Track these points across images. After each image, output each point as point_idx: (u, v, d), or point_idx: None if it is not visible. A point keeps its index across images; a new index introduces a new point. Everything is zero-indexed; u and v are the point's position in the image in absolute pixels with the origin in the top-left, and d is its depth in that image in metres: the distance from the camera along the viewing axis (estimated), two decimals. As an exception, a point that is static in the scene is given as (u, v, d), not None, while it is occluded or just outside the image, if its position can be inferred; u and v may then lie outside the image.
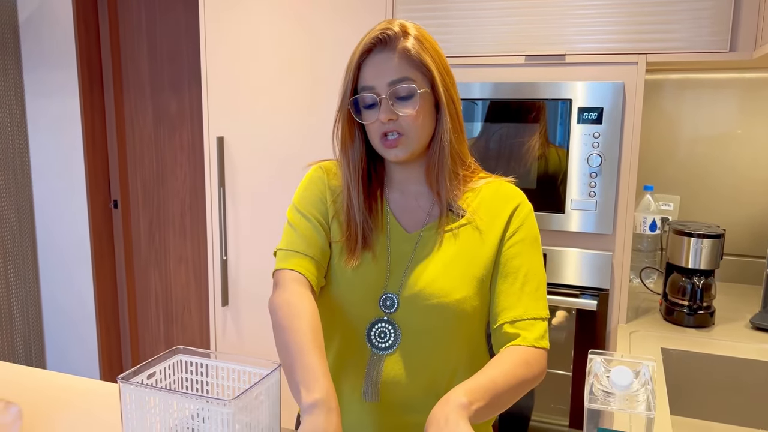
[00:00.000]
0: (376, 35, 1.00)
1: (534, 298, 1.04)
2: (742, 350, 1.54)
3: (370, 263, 1.05)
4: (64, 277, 3.13)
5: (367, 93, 1.01)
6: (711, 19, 1.56)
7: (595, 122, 1.66)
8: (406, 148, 1.02)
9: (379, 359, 1.04)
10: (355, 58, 1.02)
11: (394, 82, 0.99)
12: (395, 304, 1.03)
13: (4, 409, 1.07)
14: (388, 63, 0.99)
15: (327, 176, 1.12)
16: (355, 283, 1.05)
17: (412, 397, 1.04)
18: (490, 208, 1.07)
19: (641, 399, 0.79)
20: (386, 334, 1.03)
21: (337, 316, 1.07)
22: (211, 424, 0.76)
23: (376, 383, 1.03)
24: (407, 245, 1.06)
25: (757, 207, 2.06)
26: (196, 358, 0.92)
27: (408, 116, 1.00)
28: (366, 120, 1.03)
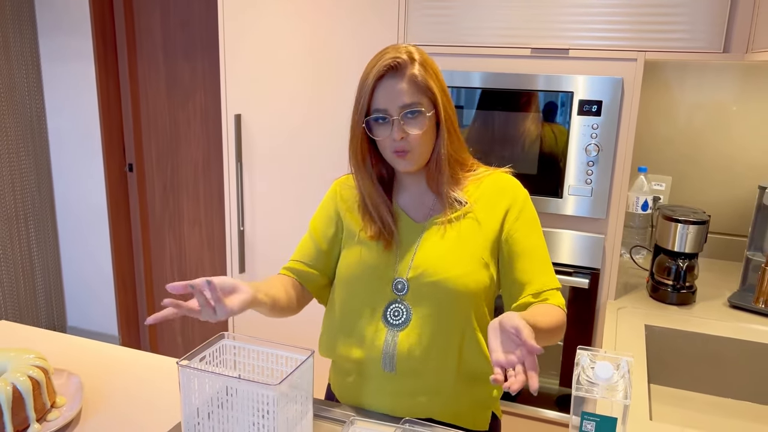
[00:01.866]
0: (388, 63, 1.14)
1: (547, 271, 1.21)
2: (719, 328, 1.70)
3: (382, 250, 1.22)
4: (82, 238, 3.27)
5: (380, 114, 1.16)
6: (707, 22, 1.65)
7: (595, 114, 1.77)
8: (413, 162, 1.19)
9: (394, 335, 1.20)
10: (369, 82, 1.16)
11: (404, 106, 1.15)
12: (405, 287, 1.20)
13: (66, 380, 1.23)
14: (399, 88, 1.14)
15: (341, 189, 1.33)
16: (370, 270, 1.22)
17: (424, 366, 1.20)
18: (490, 198, 1.23)
19: (620, 389, 0.94)
20: (399, 312, 1.20)
21: (358, 299, 1.23)
22: (261, 404, 0.91)
23: (392, 356, 1.20)
24: (414, 234, 1.23)
25: (742, 189, 2.19)
26: (239, 343, 1.07)
27: (416, 135, 1.16)
28: (378, 136, 1.18)
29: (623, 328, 1.68)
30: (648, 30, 1.70)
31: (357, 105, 1.19)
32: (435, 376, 1.21)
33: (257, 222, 2.28)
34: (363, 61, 2.00)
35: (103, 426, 1.12)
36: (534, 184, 1.87)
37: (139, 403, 1.19)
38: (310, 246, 1.32)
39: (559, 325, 1.15)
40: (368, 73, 1.17)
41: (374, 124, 1.18)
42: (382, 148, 1.21)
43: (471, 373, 1.22)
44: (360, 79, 1.19)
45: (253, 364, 1.08)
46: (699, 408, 1.63)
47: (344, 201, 1.31)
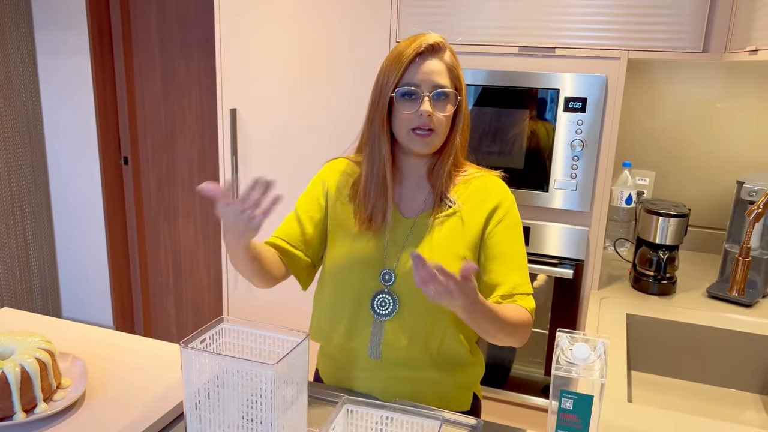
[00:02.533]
0: (429, 42, 1.18)
1: (521, 275, 1.25)
2: (697, 317, 1.77)
3: (372, 242, 1.26)
4: (78, 230, 3.31)
5: (411, 88, 1.18)
6: (688, 22, 1.72)
7: (580, 111, 1.84)
8: (432, 143, 1.21)
9: (380, 324, 1.25)
10: (407, 56, 1.17)
11: (438, 86, 1.18)
12: (392, 278, 1.25)
13: (71, 363, 1.28)
14: (437, 68, 1.18)
15: (332, 173, 1.34)
16: (357, 260, 1.26)
17: (409, 355, 1.26)
18: (477, 200, 1.27)
19: (596, 368, 1.00)
20: (386, 303, 1.25)
21: (346, 290, 1.28)
22: (259, 383, 0.97)
23: (378, 344, 1.26)
24: (403, 229, 1.26)
25: (721, 184, 2.26)
26: (237, 326, 1.12)
27: (441, 117, 1.19)
28: (404, 110, 1.19)
29: (606, 317, 1.75)
30: (631, 30, 1.77)
31: (386, 77, 1.20)
32: (419, 363, 1.27)
33: (252, 214, 2.34)
34: (357, 58, 2.07)
35: (107, 406, 1.17)
36: (521, 179, 1.94)
37: (141, 386, 1.25)
38: (294, 226, 1.33)
39: (519, 321, 1.17)
40: (405, 49, 1.19)
41: (401, 99, 1.19)
42: (399, 125, 1.21)
43: (453, 359, 1.29)
44: (389, 57, 1.21)
45: (251, 346, 1.13)
46: (677, 393, 1.71)
47: (336, 188, 1.32)
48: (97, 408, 1.17)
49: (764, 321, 1.74)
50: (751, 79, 2.15)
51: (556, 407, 1.03)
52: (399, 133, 1.23)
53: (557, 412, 1.01)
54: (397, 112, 1.20)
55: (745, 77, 2.16)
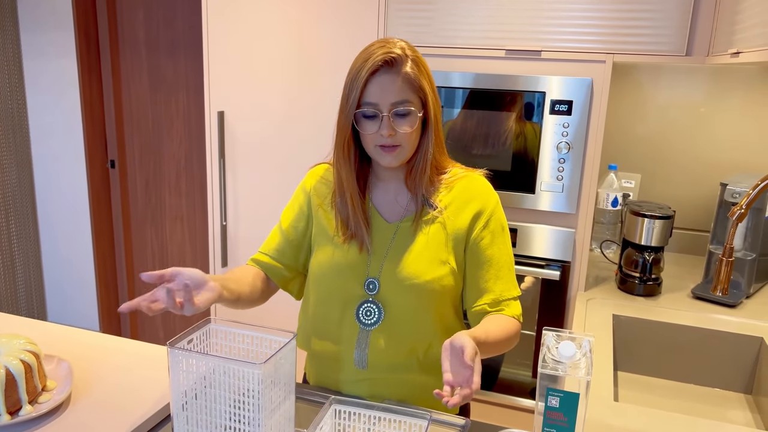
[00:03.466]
0: (382, 58, 1.13)
1: (508, 280, 1.25)
2: (682, 317, 1.79)
3: (355, 251, 1.24)
4: (64, 233, 3.29)
5: (370, 108, 1.15)
6: (671, 27, 1.74)
7: (566, 114, 1.85)
8: (400, 157, 1.20)
9: (366, 333, 1.24)
10: (362, 75, 1.14)
11: (396, 103, 1.15)
12: (377, 287, 1.23)
13: (56, 365, 1.27)
14: (392, 85, 1.14)
15: (315, 183, 1.34)
16: (342, 270, 1.24)
17: (395, 362, 1.25)
18: (460, 203, 1.25)
19: (582, 366, 1.01)
20: (371, 312, 1.23)
21: (331, 299, 1.27)
22: (246, 383, 0.97)
23: (364, 353, 1.25)
24: (386, 234, 1.25)
25: (706, 186, 2.29)
26: (224, 327, 1.12)
27: (405, 133, 1.16)
28: (366, 131, 1.18)
29: (592, 317, 1.76)
30: (616, 33, 1.79)
31: (347, 97, 1.17)
32: (406, 370, 1.26)
33: (240, 217, 2.33)
34: (344, 60, 2.07)
35: (93, 408, 1.17)
36: (508, 181, 1.95)
37: (127, 387, 1.24)
38: (278, 239, 1.33)
39: (511, 335, 1.21)
40: (362, 65, 1.15)
41: (362, 119, 1.17)
42: (365, 142, 1.20)
43: (437, 364, 1.28)
44: (350, 70, 1.17)
45: (239, 347, 1.13)
46: (663, 393, 1.72)
47: (318, 196, 1.31)
48: (82, 410, 1.16)
49: (748, 321, 1.76)
50: (734, 83, 2.18)
51: (542, 407, 1.03)
52: (367, 149, 1.22)
53: (544, 410, 1.02)
54: (360, 129, 1.19)
55: (728, 81, 2.19)
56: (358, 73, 1.16)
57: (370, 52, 1.16)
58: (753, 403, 1.69)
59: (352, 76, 1.17)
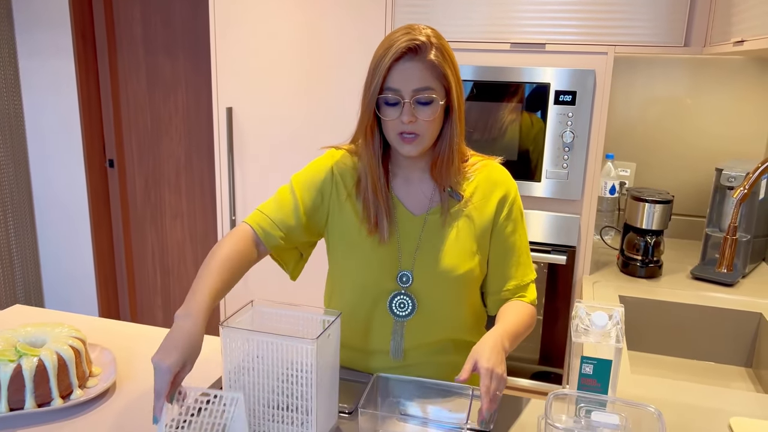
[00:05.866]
0: (407, 45, 1.12)
1: (527, 264, 1.32)
2: (684, 297, 1.87)
3: (384, 244, 1.24)
4: (63, 233, 3.28)
5: (392, 94, 1.14)
6: (669, 19, 1.83)
7: (569, 104, 1.93)
8: (419, 147, 1.19)
9: (401, 326, 1.27)
10: (386, 62, 1.12)
11: (418, 90, 1.14)
12: (410, 280, 1.25)
13: (100, 353, 1.30)
14: (415, 71, 1.13)
15: (341, 171, 1.29)
16: (372, 263, 1.25)
17: (429, 351, 1.30)
18: (483, 194, 1.27)
19: (612, 335, 1.08)
20: (405, 304, 1.26)
21: (362, 291, 1.28)
22: (299, 358, 1.02)
23: (400, 344, 1.28)
24: (415, 227, 1.25)
25: (700, 173, 2.38)
26: (269, 308, 1.17)
27: (425, 121, 1.15)
28: (387, 117, 1.17)
29: (600, 299, 1.84)
30: (617, 26, 1.87)
31: (370, 83, 1.16)
32: (438, 354, 1.31)
33: (249, 211, 2.37)
34: (352, 54, 2.12)
35: (139, 391, 1.20)
36: (514, 169, 2.01)
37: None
38: (290, 214, 1.26)
39: (530, 323, 1.29)
40: (385, 51, 1.13)
41: (384, 105, 1.16)
42: (386, 130, 1.19)
43: (468, 346, 1.32)
44: (374, 56, 1.16)
45: (279, 327, 1.18)
46: (668, 369, 1.80)
47: (346, 187, 1.28)
48: (129, 393, 1.20)
49: (746, 299, 1.85)
50: (724, 74, 2.28)
51: (577, 366, 1.09)
52: (388, 137, 1.21)
53: (578, 377, 1.08)
54: (382, 115, 1.18)
55: (718, 72, 2.28)
56: (381, 58, 1.14)
57: (394, 38, 1.14)
58: (753, 376, 1.78)
59: (375, 62, 1.16)
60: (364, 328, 1.30)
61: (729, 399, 1.30)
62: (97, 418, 1.12)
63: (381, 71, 1.14)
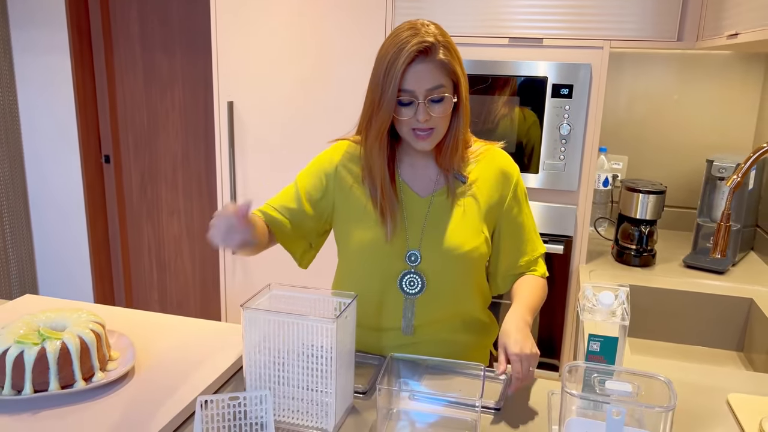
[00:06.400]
0: (417, 48, 1.17)
1: (535, 239, 1.41)
2: (676, 284, 1.93)
3: (391, 226, 1.29)
4: (59, 229, 3.29)
5: (406, 96, 1.20)
6: (663, 14, 1.88)
7: (566, 97, 1.98)
8: (433, 141, 1.26)
9: (411, 303, 1.33)
10: (399, 66, 1.17)
11: (431, 90, 1.20)
12: (418, 259, 1.31)
13: (118, 339, 1.33)
14: (427, 72, 1.19)
15: (345, 161, 1.35)
16: (382, 244, 1.30)
17: (439, 326, 1.36)
18: (488, 176, 1.34)
19: (618, 313, 1.13)
20: (414, 282, 1.31)
21: (372, 271, 1.34)
22: (319, 338, 1.06)
23: (410, 321, 1.34)
24: (421, 208, 1.32)
25: (687, 166, 2.45)
26: (286, 291, 1.21)
27: (438, 118, 1.22)
28: (402, 116, 1.22)
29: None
30: (612, 21, 1.92)
31: (383, 86, 1.20)
32: (449, 331, 1.37)
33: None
34: (352, 49, 2.16)
35: (158, 374, 1.23)
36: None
37: (187, 357, 1.30)
38: (291, 198, 1.35)
39: (543, 295, 1.38)
40: (396, 55, 1.18)
41: (398, 105, 1.21)
42: (399, 126, 1.25)
43: (475, 324, 1.41)
44: (382, 57, 1.21)
45: (296, 310, 1.21)
46: (663, 354, 1.86)
47: (351, 175, 1.34)
48: (149, 376, 1.23)
49: (736, 285, 1.92)
50: (712, 69, 2.35)
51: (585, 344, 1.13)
52: (401, 132, 1.27)
53: (585, 355, 1.13)
54: (396, 114, 1.23)
55: (706, 68, 2.35)
56: (394, 62, 1.18)
57: (402, 40, 1.18)
58: (745, 359, 1.84)
59: (387, 65, 1.19)
60: (375, 307, 1.35)
61: (725, 377, 1.35)
62: (119, 399, 1.15)
63: (396, 75, 1.18)
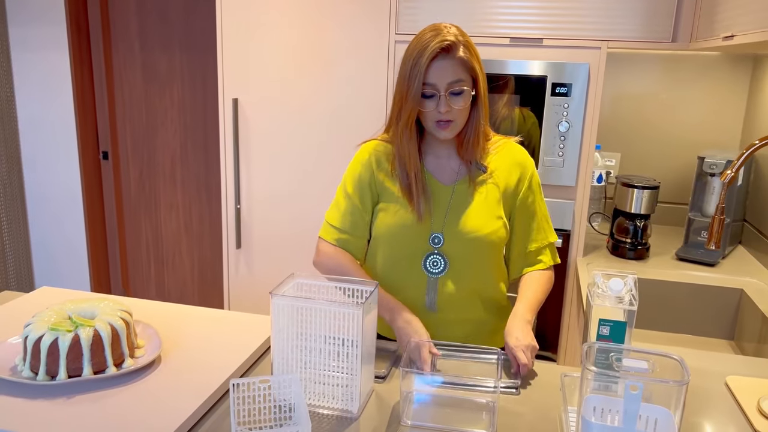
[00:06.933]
0: (439, 45, 1.30)
1: (547, 228, 1.50)
2: (670, 275, 2.01)
3: (419, 211, 1.41)
4: (56, 224, 3.30)
5: (429, 89, 1.32)
6: (658, 16, 1.96)
7: (565, 95, 2.05)
8: (454, 131, 1.38)
9: (435, 281, 1.43)
10: (423, 62, 1.30)
11: (452, 83, 1.32)
12: (441, 241, 1.42)
13: (143, 329, 1.37)
14: (448, 68, 1.31)
15: (375, 159, 1.47)
16: (410, 228, 1.42)
17: (460, 304, 1.45)
18: (507, 167, 1.45)
19: (626, 299, 1.20)
20: (438, 263, 1.42)
21: (399, 252, 1.44)
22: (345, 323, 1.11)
23: (434, 298, 1.44)
24: (444, 195, 1.43)
25: (682, 161, 2.54)
26: (309, 280, 1.26)
27: (459, 109, 1.34)
28: (426, 108, 1.35)
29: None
30: (610, 23, 2.00)
31: (410, 81, 1.32)
32: (468, 310, 1.47)
33: (253, 200, 2.44)
34: (355, 45, 2.21)
35: (185, 361, 1.27)
36: (513, 158, 2.13)
37: (212, 346, 1.34)
38: (354, 217, 1.48)
39: (550, 286, 1.50)
40: (420, 53, 1.31)
41: (421, 98, 1.34)
42: (424, 119, 1.37)
43: (493, 304, 1.50)
44: (407, 57, 1.33)
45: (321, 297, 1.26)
46: (658, 342, 1.94)
47: (381, 167, 1.47)
48: (175, 363, 1.27)
49: (727, 277, 2.00)
50: (702, 69, 2.43)
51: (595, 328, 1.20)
52: (425, 125, 1.39)
53: (596, 338, 1.20)
54: (421, 107, 1.36)
55: (696, 68, 2.44)
56: (418, 59, 1.31)
57: (426, 41, 1.32)
58: (736, 347, 1.93)
59: (412, 63, 1.32)
60: (401, 285, 1.45)
61: (722, 362, 1.43)
62: (150, 384, 1.19)
63: (420, 70, 1.31)
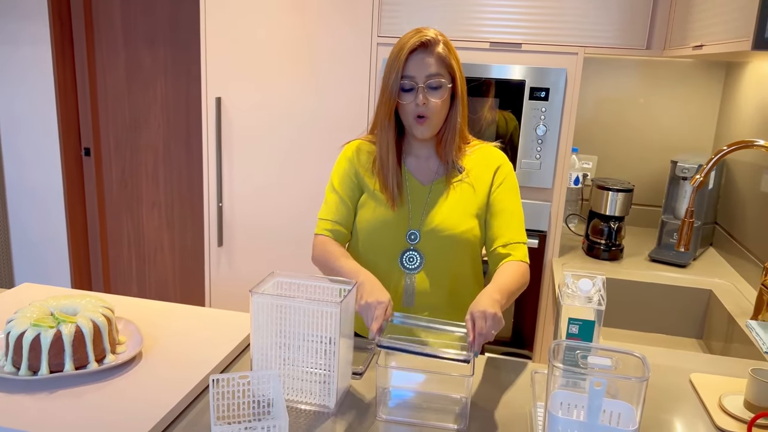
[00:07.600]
0: (419, 40, 1.36)
1: (517, 227, 1.48)
2: (642, 276, 2.07)
3: (396, 208, 1.47)
4: (37, 219, 3.29)
5: (408, 81, 1.38)
6: (633, 24, 2.01)
7: (543, 100, 2.10)
8: (431, 128, 1.42)
9: (411, 277, 1.48)
10: (403, 54, 1.36)
11: (430, 76, 1.37)
12: (417, 237, 1.46)
13: (125, 326, 1.39)
14: (427, 61, 1.37)
15: (357, 154, 1.53)
16: (387, 225, 1.47)
17: (435, 300, 1.49)
18: (481, 168, 1.49)
19: (594, 299, 1.24)
20: (413, 258, 1.47)
21: (377, 247, 1.49)
22: (324, 320, 1.14)
23: (411, 293, 1.48)
24: (422, 194, 1.48)
25: (656, 165, 2.60)
26: (289, 279, 1.29)
27: (436, 103, 1.38)
28: (404, 101, 1.40)
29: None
30: (587, 29, 2.05)
31: (389, 75, 1.39)
32: (443, 305, 1.51)
33: (235, 198, 2.46)
34: (338, 47, 2.24)
35: (165, 357, 1.30)
36: (491, 160, 2.18)
37: (192, 343, 1.37)
38: (339, 206, 1.52)
39: (524, 279, 1.43)
40: (400, 49, 1.37)
41: (401, 92, 1.39)
42: (404, 114, 1.41)
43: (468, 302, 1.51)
44: (391, 52, 1.39)
45: (299, 295, 1.29)
46: (629, 340, 2.00)
47: (362, 164, 1.52)
48: (156, 359, 1.30)
49: (697, 278, 2.06)
50: (676, 75, 2.50)
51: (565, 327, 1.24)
52: (405, 121, 1.44)
53: (565, 336, 1.24)
54: (401, 103, 1.41)
55: (671, 74, 2.50)
56: (398, 54, 1.38)
57: (406, 38, 1.39)
58: (704, 346, 1.99)
59: (392, 59, 1.39)
60: (379, 280, 1.45)
61: (687, 360, 1.48)
62: (131, 380, 1.21)
63: (399, 63, 1.38)
